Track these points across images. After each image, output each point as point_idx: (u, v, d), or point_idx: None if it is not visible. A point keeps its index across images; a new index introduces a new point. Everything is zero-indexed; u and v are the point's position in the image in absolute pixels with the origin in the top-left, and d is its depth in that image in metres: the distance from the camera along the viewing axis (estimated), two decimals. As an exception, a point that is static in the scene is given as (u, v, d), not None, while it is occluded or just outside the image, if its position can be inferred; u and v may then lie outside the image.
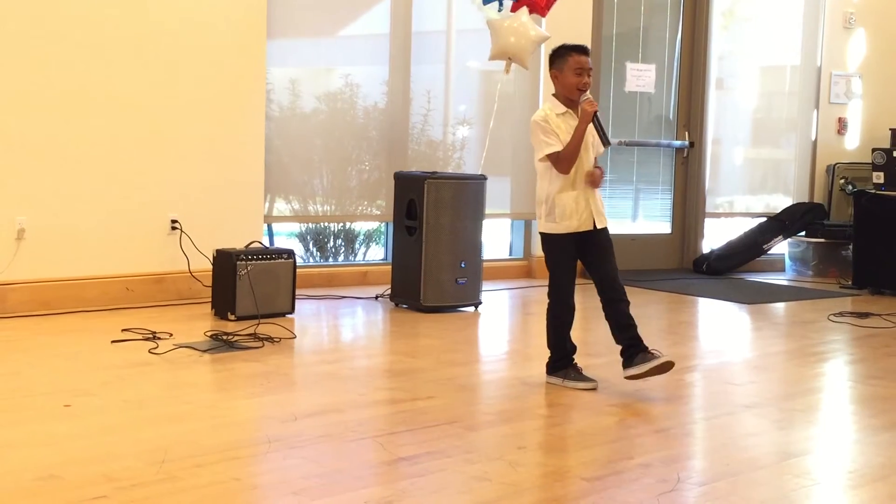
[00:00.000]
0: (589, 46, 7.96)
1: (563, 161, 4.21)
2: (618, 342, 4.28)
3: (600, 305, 4.34)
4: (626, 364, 4.22)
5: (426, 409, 3.85)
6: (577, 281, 4.38)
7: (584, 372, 4.34)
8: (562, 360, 4.34)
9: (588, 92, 4.25)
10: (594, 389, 4.22)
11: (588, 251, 4.32)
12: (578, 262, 4.37)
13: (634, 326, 4.26)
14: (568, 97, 4.27)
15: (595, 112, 4.21)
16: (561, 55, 4.29)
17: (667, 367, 4.16)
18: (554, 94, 4.33)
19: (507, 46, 6.35)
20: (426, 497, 2.91)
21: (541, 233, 4.35)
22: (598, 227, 4.28)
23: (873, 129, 9.31)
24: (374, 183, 7.04)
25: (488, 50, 6.47)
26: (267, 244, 6.21)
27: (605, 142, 4.28)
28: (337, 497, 2.85)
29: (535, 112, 4.43)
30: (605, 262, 4.31)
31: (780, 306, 7.05)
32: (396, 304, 6.20)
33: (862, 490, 3.15)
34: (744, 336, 6.08)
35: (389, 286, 6.29)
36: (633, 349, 4.21)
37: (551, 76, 4.34)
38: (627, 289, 4.40)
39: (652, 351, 4.20)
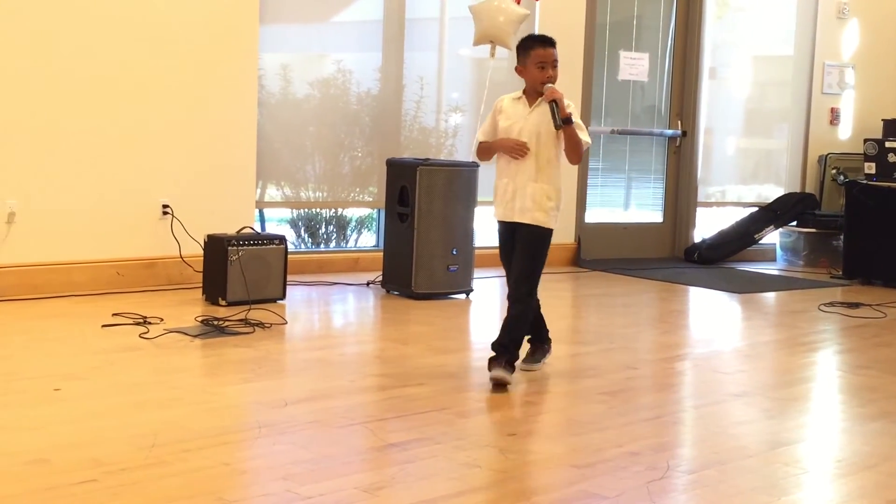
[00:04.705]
0: (583, 34, 7.97)
1: (478, 151, 4.24)
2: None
3: (591, 293, 4.33)
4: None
5: (416, 396, 3.85)
6: (569, 269, 4.37)
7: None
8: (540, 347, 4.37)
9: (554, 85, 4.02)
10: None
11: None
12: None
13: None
14: (535, 90, 4.06)
15: (554, 100, 3.95)
16: (524, 48, 4.08)
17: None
18: (525, 88, 4.12)
19: (489, 29, 6.36)
20: (415, 483, 2.91)
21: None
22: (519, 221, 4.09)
23: (865, 120, 9.33)
24: (366, 169, 7.03)
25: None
26: (258, 230, 6.20)
27: (556, 125, 3.95)
28: (326, 483, 2.85)
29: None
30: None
31: (770, 296, 7.06)
32: (388, 291, 6.19)
33: (850, 479, 3.16)
34: (734, 325, 6.09)
35: (381, 273, 6.29)
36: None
37: (517, 71, 4.13)
38: (618, 277, 4.40)
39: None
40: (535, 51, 4.04)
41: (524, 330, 4.18)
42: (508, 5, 6.34)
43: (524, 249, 4.11)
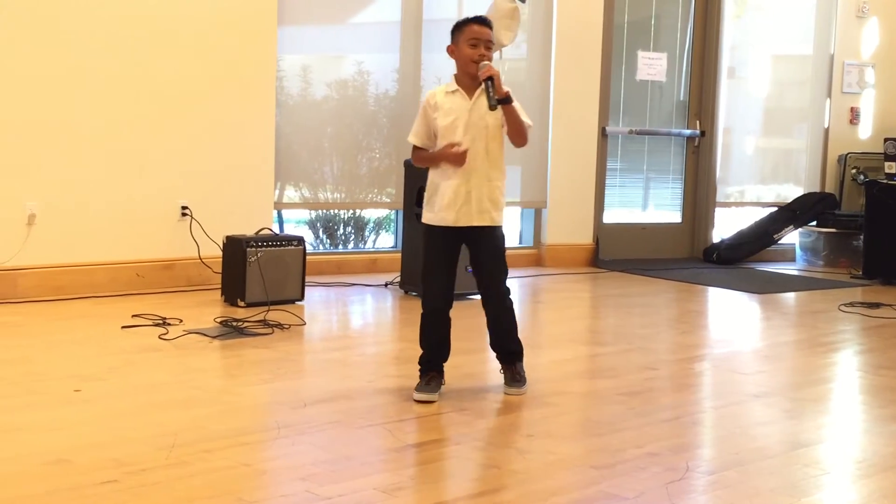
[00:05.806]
0: (600, 34, 7.93)
1: (416, 159, 3.99)
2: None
3: (610, 294, 4.31)
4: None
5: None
6: (588, 270, 4.34)
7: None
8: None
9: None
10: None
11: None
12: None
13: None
14: (468, 74, 3.78)
15: (490, 77, 3.69)
16: (458, 27, 3.84)
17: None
18: (455, 75, 3.87)
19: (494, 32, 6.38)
20: (434, 484, 2.91)
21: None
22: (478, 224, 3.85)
23: (886, 119, 9.28)
24: (384, 170, 7.04)
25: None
26: (277, 231, 6.21)
27: (490, 104, 3.70)
28: (345, 483, 2.86)
29: (538, 99, 4.20)
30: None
31: (790, 296, 7.03)
32: (406, 292, 6.19)
33: (870, 480, 3.15)
34: (753, 326, 6.07)
35: (399, 274, 6.29)
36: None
37: (448, 51, 3.87)
38: (637, 278, 4.38)
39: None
40: (469, 27, 3.80)
41: (516, 325, 4.08)
42: (496, 6, 6.34)
43: (493, 252, 3.94)
